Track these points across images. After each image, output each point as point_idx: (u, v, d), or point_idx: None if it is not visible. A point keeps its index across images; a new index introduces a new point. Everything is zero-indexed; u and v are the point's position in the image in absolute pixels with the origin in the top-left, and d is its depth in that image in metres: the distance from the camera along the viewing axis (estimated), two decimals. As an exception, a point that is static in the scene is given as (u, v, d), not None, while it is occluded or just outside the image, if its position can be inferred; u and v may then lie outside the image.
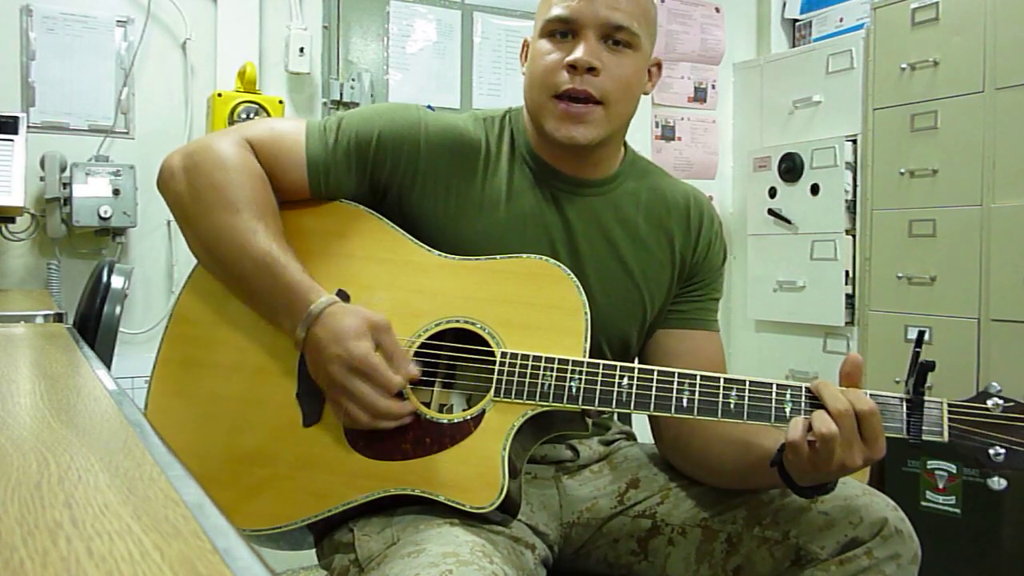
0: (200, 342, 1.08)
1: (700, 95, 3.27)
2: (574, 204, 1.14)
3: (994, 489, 0.92)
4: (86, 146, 2.36)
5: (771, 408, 0.95)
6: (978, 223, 2.36)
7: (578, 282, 1.03)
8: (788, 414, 0.94)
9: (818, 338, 2.88)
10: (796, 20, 3.32)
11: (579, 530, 1.15)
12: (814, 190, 2.84)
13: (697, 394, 0.97)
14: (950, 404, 0.93)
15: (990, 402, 0.93)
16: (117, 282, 1.55)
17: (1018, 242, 2.28)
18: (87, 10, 2.36)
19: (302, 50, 2.53)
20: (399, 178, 1.11)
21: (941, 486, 2.18)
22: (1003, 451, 0.91)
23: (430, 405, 1.03)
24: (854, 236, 2.76)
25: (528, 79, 1.12)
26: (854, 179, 2.75)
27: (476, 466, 0.96)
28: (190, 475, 0.47)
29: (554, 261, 1.05)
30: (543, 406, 0.98)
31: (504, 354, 1.00)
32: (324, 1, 2.63)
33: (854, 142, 2.75)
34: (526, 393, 0.98)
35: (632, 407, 0.98)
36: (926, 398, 0.93)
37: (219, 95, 2.40)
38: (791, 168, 2.90)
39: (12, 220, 2.25)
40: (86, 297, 1.59)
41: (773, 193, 2.99)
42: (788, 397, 0.95)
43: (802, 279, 2.89)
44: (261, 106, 2.43)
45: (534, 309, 1.03)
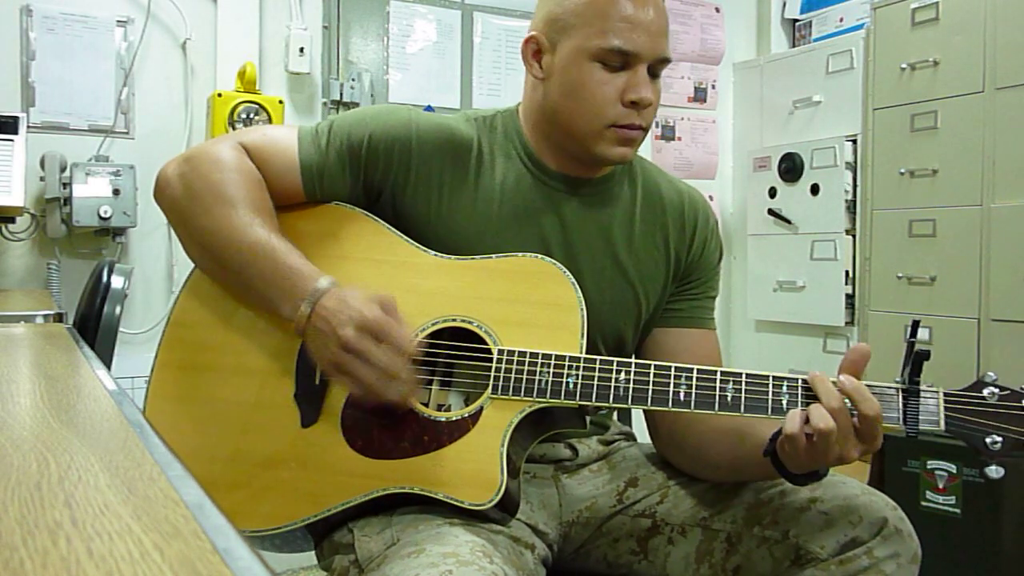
0: (198, 345, 1.08)
1: (700, 95, 3.27)
2: (570, 203, 1.14)
3: (992, 478, 0.93)
4: (86, 146, 2.36)
5: (768, 401, 0.95)
6: (978, 223, 2.36)
7: (574, 279, 1.03)
8: (785, 407, 0.95)
9: (818, 338, 2.88)
10: (796, 20, 3.32)
11: (579, 529, 1.15)
12: (814, 190, 2.84)
13: (694, 388, 0.97)
14: (946, 393, 0.94)
15: (986, 391, 0.93)
16: (117, 282, 1.55)
17: (1018, 242, 2.28)
18: (87, 10, 2.36)
19: (302, 50, 2.53)
20: (392, 179, 1.11)
21: (941, 486, 2.18)
22: (1000, 439, 0.92)
23: (428, 405, 1.03)
24: (854, 236, 2.76)
25: (572, 103, 1.08)
26: (854, 179, 2.75)
27: (474, 463, 0.96)
28: (190, 475, 0.47)
29: (550, 259, 1.05)
30: (541, 402, 0.98)
31: (501, 351, 1.00)
32: (324, 1, 2.63)
33: (854, 142, 2.75)
34: (524, 390, 0.98)
35: (629, 402, 0.98)
36: (922, 387, 0.94)
37: (219, 95, 2.40)
38: (791, 168, 2.90)
39: (12, 220, 2.25)
40: (86, 297, 1.59)
41: (773, 193, 2.99)
42: (785, 390, 0.96)
43: (802, 279, 2.89)
44: (261, 106, 2.43)
45: (530, 307, 1.03)
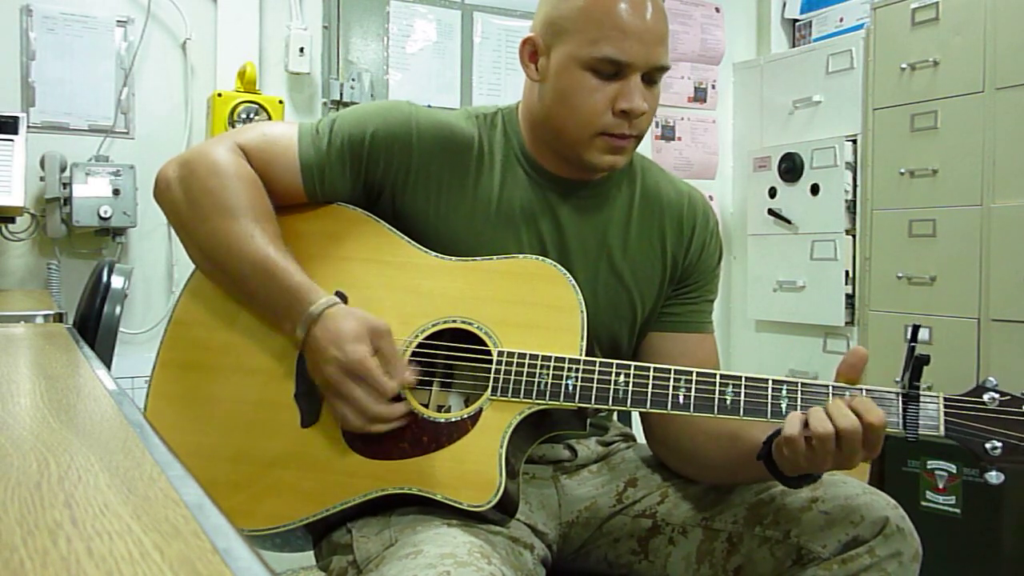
0: (199, 345, 1.08)
1: (700, 95, 3.27)
2: (566, 206, 1.14)
3: (992, 483, 0.93)
4: (86, 146, 2.35)
5: (767, 404, 0.95)
6: (978, 223, 2.36)
7: (574, 281, 1.03)
8: (784, 410, 0.95)
9: (818, 338, 2.88)
10: (796, 20, 3.32)
11: (578, 529, 1.15)
12: (814, 190, 2.84)
13: (693, 391, 0.97)
14: (946, 398, 0.94)
15: (986, 396, 0.93)
16: (117, 282, 1.55)
17: (1018, 242, 2.28)
18: (87, 10, 2.36)
19: (302, 50, 2.53)
20: (392, 177, 1.11)
21: (941, 486, 2.18)
22: (1000, 445, 0.92)
23: (428, 406, 1.03)
24: (854, 236, 2.75)
25: (564, 109, 1.07)
26: (854, 179, 2.75)
27: (473, 464, 0.96)
28: (190, 475, 0.47)
29: (550, 261, 1.05)
30: (540, 404, 0.98)
31: (501, 353, 1.00)
32: (324, 1, 2.63)
33: (854, 142, 2.75)
34: (523, 391, 0.98)
35: (629, 404, 0.98)
36: (922, 392, 0.94)
37: (219, 95, 2.40)
38: (791, 168, 2.90)
39: (12, 220, 2.25)
40: (86, 297, 1.59)
41: (773, 193, 2.98)
42: (784, 393, 0.96)
43: (802, 279, 2.88)
44: (261, 106, 2.43)
45: (531, 308, 1.03)
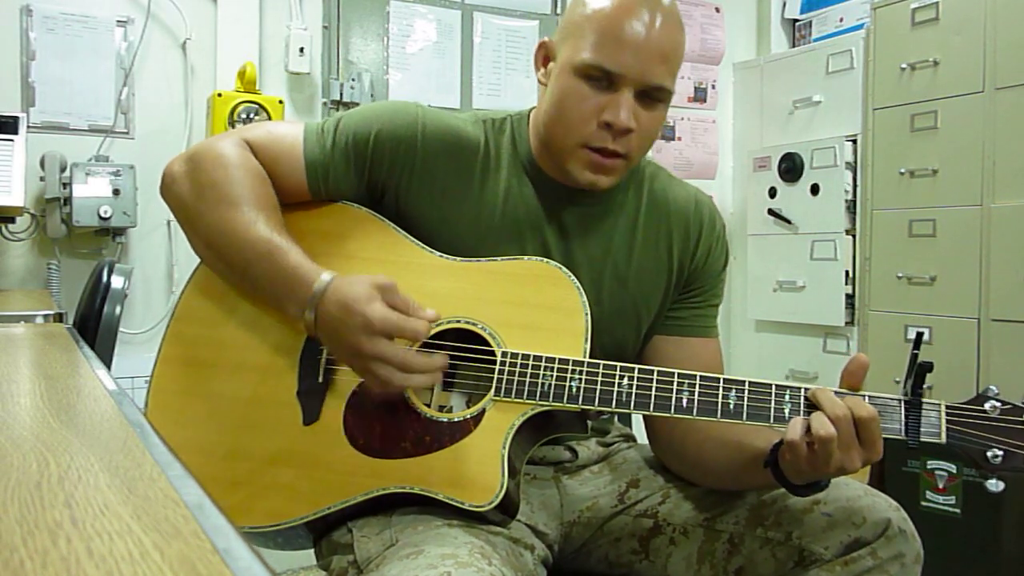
0: (201, 341, 1.08)
1: (700, 95, 3.27)
2: (572, 214, 1.13)
3: (992, 491, 0.93)
4: (86, 146, 2.36)
5: (770, 409, 0.95)
6: (978, 223, 2.36)
7: (579, 284, 1.03)
8: (787, 415, 0.95)
9: (818, 338, 2.88)
10: (796, 20, 3.32)
11: (580, 529, 1.15)
12: (814, 190, 2.84)
13: (697, 394, 0.97)
14: (948, 406, 0.94)
15: (988, 405, 0.93)
16: (117, 282, 1.55)
17: (1018, 242, 2.28)
18: (87, 10, 2.36)
19: (302, 50, 2.53)
20: (396, 178, 1.10)
21: (941, 486, 2.18)
22: (1001, 453, 0.92)
23: (430, 405, 1.03)
24: (854, 236, 2.75)
25: (554, 114, 1.06)
26: (854, 179, 2.75)
27: (475, 464, 0.96)
28: (190, 475, 0.47)
29: (555, 263, 1.05)
30: (543, 405, 0.98)
31: (505, 354, 1.00)
32: (324, 1, 2.63)
33: (854, 142, 2.75)
34: (526, 392, 0.98)
35: (632, 407, 0.98)
36: (924, 400, 0.94)
37: (219, 95, 2.40)
38: (791, 168, 2.90)
39: (12, 220, 2.25)
40: (86, 297, 1.59)
41: (773, 193, 2.98)
42: (787, 398, 0.95)
43: (802, 279, 2.88)
44: (261, 106, 2.43)
45: (535, 310, 1.03)
